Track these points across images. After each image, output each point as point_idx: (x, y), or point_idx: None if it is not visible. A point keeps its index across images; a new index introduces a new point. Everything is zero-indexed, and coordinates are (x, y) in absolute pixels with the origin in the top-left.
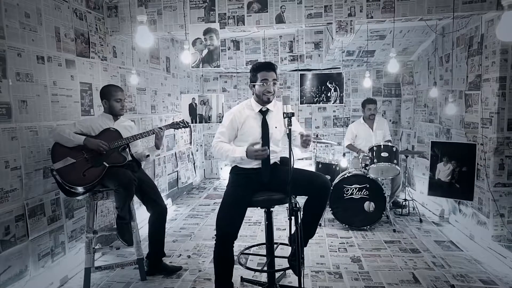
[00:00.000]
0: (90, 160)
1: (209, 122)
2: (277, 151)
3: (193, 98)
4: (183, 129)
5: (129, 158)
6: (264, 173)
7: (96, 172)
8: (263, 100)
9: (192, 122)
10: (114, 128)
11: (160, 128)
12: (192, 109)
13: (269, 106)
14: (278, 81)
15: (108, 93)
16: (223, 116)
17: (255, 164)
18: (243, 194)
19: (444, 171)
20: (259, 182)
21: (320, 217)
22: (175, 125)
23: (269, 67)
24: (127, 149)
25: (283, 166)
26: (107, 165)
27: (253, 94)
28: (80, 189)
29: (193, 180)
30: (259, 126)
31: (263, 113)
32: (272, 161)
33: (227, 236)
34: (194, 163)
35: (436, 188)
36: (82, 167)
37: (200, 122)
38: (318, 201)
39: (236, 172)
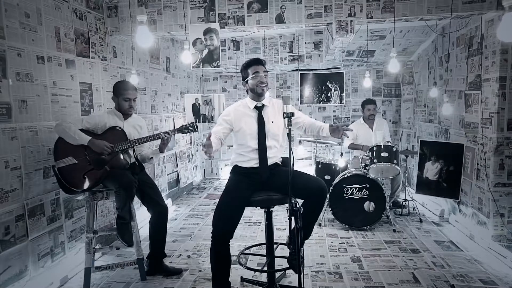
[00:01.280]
0: (92, 162)
1: (212, 122)
2: (277, 146)
3: (196, 98)
4: (193, 133)
5: (133, 160)
6: (262, 169)
7: (97, 175)
8: (257, 92)
9: (195, 122)
10: (120, 128)
11: (167, 133)
12: (195, 109)
13: (264, 102)
14: (268, 75)
15: (118, 90)
16: None
17: (254, 163)
18: (241, 193)
19: (432, 170)
20: (258, 182)
21: (316, 221)
22: (184, 130)
23: (258, 61)
24: (131, 151)
25: (283, 167)
26: (108, 169)
27: (247, 92)
28: (79, 190)
29: (192, 180)
30: (255, 122)
31: (259, 109)
32: (271, 157)
33: (222, 234)
34: (193, 163)
35: (423, 186)
36: (83, 168)
37: (204, 122)
38: (313, 205)
39: (235, 171)
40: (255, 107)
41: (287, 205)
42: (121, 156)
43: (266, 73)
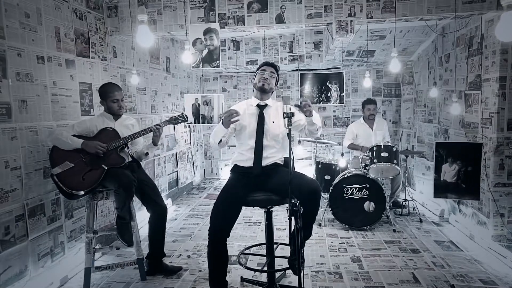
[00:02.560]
0: (89, 163)
1: (211, 123)
2: (277, 146)
3: (196, 98)
4: (183, 123)
5: (129, 158)
6: (255, 165)
7: (95, 175)
8: (257, 87)
9: (195, 122)
10: (111, 128)
11: (158, 125)
12: (195, 109)
13: (268, 101)
14: (277, 79)
15: (104, 94)
16: None
17: (252, 162)
18: (239, 192)
19: (449, 172)
20: (254, 181)
21: (313, 221)
22: (174, 120)
23: (270, 64)
24: (126, 149)
25: (283, 167)
26: (106, 168)
27: (253, 90)
28: (80, 192)
29: (192, 180)
30: (256, 120)
31: (261, 107)
32: (270, 157)
33: (218, 231)
34: (193, 163)
35: (442, 189)
36: (81, 170)
37: (203, 122)
38: (306, 207)
39: (234, 170)
40: (258, 105)
41: (287, 205)
42: (117, 153)
43: (272, 74)
